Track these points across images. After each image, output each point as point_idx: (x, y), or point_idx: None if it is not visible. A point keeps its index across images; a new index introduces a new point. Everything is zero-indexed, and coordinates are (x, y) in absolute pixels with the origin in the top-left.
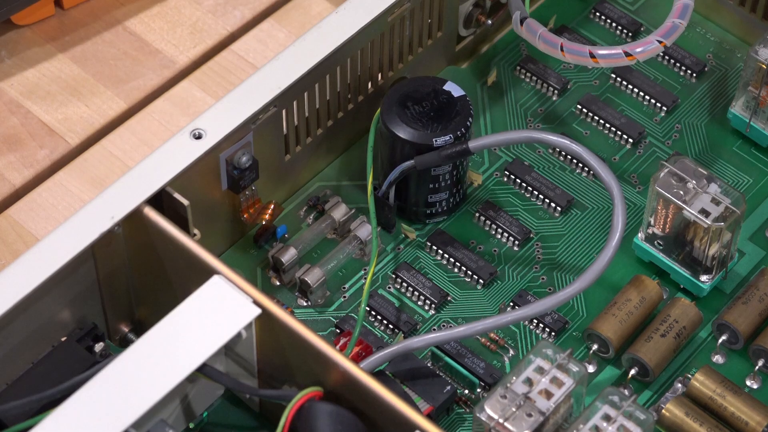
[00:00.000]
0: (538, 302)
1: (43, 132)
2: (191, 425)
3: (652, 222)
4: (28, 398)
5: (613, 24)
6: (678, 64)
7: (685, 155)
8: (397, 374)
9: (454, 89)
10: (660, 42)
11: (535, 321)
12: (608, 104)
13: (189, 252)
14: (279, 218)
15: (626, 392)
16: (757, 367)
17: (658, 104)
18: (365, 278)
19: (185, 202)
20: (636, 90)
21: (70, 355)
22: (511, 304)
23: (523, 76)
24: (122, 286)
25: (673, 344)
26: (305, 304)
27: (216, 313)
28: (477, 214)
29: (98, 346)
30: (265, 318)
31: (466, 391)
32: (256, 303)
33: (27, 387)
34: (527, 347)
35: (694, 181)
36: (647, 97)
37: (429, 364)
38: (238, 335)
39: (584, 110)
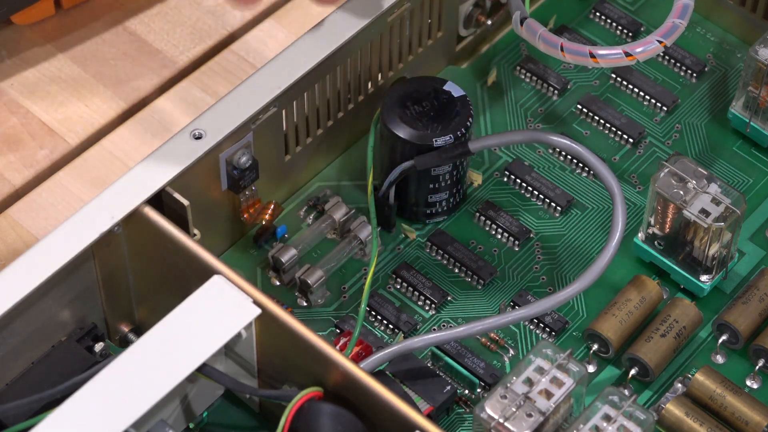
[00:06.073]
0: (538, 302)
1: (43, 132)
2: (191, 425)
3: (652, 222)
4: (28, 398)
5: (613, 24)
6: (678, 64)
7: (685, 155)
8: (397, 374)
9: (454, 89)
10: (660, 42)
11: (535, 321)
12: (608, 104)
13: (189, 252)
14: (279, 218)
15: (626, 392)
16: (757, 367)
17: (658, 104)
18: (365, 278)
19: (185, 202)
20: (636, 90)
21: (70, 355)
22: (511, 304)
23: (523, 76)
24: (122, 286)
25: (673, 344)
26: (305, 304)
27: (216, 313)
28: (477, 214)
29: (98, 346)
30: (265, 318)
31: (466, 391)
32: (256, 303)
33: (27, 387)
34: (527, 347)
35: (694, 181)
36: (647, 97)
37: (429, 364)
38: (238, 335)
39: (584, 110)
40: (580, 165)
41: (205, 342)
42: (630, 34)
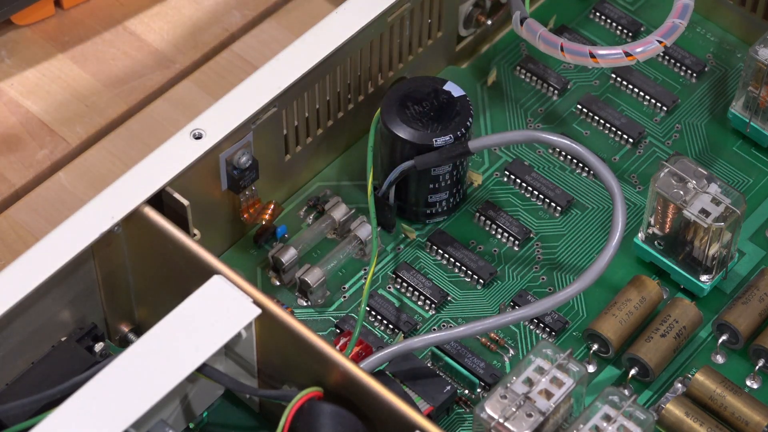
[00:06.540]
0: (538, 302)
1: (43, 132)
2: (191, 425)
3: (652, 222)
4: (28, 398)
5: (613, 24)
6: (678, 64)
7: (685, 155)
8: (397, 374)
9: (454, 89)
10: (660, 42)
11: (535, 321)
12: (608, 104)
13: (189, 252)
14: (279, 218)
15: (626, 392)
16: (757, 367)
17: (658, 104)
18: (365, 278)
19: (185, 202)
20: (636, 90)
21: (70, 355)
22: (511, 304)
23: (523, 76)
24: (122, 286)
25: (673, 344)
26: (305, 304)
27: (216, 313)
28: (477, 214)
29: (98, 346)
30: (265, 318)
31: (466, 391)
32: (256, 303)
33: (27, 387)
34: (527, 347)
35: (694, 181)
36: (647, 97)
37: (429, 364)
38: (238, 335)
39: (584, 110)
40: (580, 165)
41: (205, 342)
42: (630, 34)
